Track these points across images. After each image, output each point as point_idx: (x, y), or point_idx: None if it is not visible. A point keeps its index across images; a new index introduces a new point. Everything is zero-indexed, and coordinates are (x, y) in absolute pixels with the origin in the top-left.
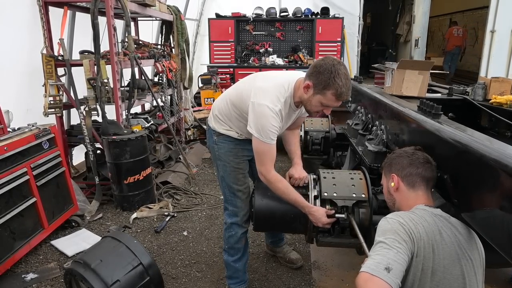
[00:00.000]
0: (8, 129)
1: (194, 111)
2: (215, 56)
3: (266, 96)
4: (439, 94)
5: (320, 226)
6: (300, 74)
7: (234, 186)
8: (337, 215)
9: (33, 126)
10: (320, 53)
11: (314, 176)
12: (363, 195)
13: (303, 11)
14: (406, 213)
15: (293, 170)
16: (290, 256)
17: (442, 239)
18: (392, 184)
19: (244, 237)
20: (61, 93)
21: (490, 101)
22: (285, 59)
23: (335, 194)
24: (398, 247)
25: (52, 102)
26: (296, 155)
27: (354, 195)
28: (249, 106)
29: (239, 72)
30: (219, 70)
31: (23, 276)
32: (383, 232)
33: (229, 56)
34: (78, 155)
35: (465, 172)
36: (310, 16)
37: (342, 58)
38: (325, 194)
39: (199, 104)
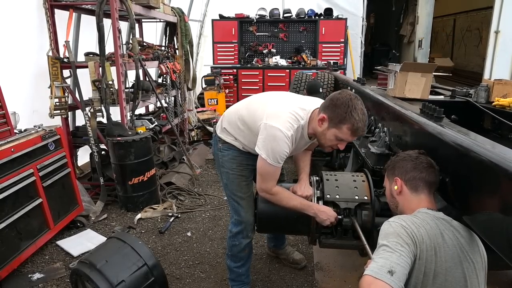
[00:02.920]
0: (15, 131)
1: (197, 112)
2: (218, 57)
3: (279, 120)
4: (442, 96)
5: (328, 224)
6: (318, 103)
7: (237, 193)
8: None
9: (39, 127)
10: (323, 53)
11: (317, 178)
12: (366, 197)
13: (306, 12)
14: (408, 216)
15: (297, 187)
16: (293, 257)
17: (444, 241)
18: (396, 187)
19: (248, 247)
20: (66, 94)
21: (493, 104)
22: (288, 60)
23: (337, 196)
24: (401, 250)
25: (57, 103)
26: (304, 172)
27: (356, 197)
28: (261, 127)
29: (242, 73)
30: (222, 71)
31: (29, 275)
32: (386, 236)
33: (233, 57)
34: (83, 155)
35: (467, 176)
36: (313, 17)
37: (345, 59)
38: (328, 196)
39: (203, 105)
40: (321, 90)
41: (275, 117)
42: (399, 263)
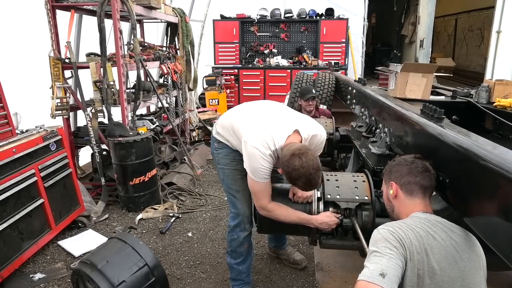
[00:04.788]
0: (17, 131)
1: (198, 112)
2: (219, 57)
3: (258, 139)
4: (443, 97)
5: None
6: (297, 126)
7: (233, 187)
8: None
9: (40, 128)
10: (324, 54)
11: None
12: (366, 197)
13: (307, 12)
14: (396, 222)
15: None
16: (294, 257)
17: (437, 242)
18: (391, 191)
19: (246, 241)
20: (68, 95)
21: (494, 104)
22: (289, 60)
23: (338, 196)
24: (390, 254)
25: (59, 104)
26: None
27: (357, 198)
28: (242, 144)
29: (243, 73)
30: (223, 71)
31: (31, 276)
32: (375, 242)
33: (234, 57)
34: (85, 156)
35: (467, 177)
36: (314, 17)
37: (346, 59)
38: (329, 196)
39: (204, 105)
40: (314, 91)
41: (253, 136)
42: (389, 265)
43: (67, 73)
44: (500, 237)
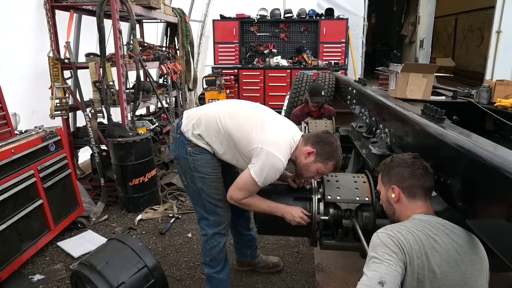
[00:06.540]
0: (16, 132)
1: None
2: (219, 58)
3: (281, 150)
4: (444, 97)
5: (298, 223)
6: (298, 131)
7: (215, 196)
8: (322, 218)
9: (40, 128)
10: (324, 54)
11: (318, 179)
12: (367, 198)
13: (307, 12)
14: (396, 225)
15: (293, 176)
16: (272, 261)
17: (438, 245)
18: (393, 195)
19: (225, 246)
20: (67, 95)
21: (495, 104)
22: (289, 60)
23: (338, 197)
24: (389, 260)
25: (58, 104)
26: None
27: (357, 199)
28: (258, 151)
29: (243, 73)
30: (223, 71)
31: (30, 277)
32: (374, 247)
33: (234, 57)
34: (84, 155)
35: (468, 178)
36: (314, 17)
37: (346, 59)
38: (329, 197)
39: None
40: (323, 93)
41: (276, 146)
42: (388, 272)
43: (67, 74)
44: (502, 239)
